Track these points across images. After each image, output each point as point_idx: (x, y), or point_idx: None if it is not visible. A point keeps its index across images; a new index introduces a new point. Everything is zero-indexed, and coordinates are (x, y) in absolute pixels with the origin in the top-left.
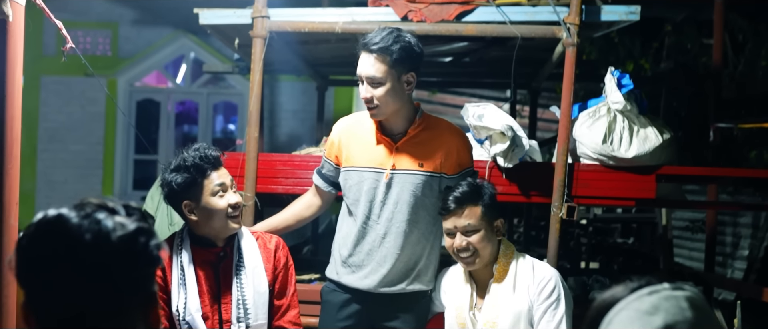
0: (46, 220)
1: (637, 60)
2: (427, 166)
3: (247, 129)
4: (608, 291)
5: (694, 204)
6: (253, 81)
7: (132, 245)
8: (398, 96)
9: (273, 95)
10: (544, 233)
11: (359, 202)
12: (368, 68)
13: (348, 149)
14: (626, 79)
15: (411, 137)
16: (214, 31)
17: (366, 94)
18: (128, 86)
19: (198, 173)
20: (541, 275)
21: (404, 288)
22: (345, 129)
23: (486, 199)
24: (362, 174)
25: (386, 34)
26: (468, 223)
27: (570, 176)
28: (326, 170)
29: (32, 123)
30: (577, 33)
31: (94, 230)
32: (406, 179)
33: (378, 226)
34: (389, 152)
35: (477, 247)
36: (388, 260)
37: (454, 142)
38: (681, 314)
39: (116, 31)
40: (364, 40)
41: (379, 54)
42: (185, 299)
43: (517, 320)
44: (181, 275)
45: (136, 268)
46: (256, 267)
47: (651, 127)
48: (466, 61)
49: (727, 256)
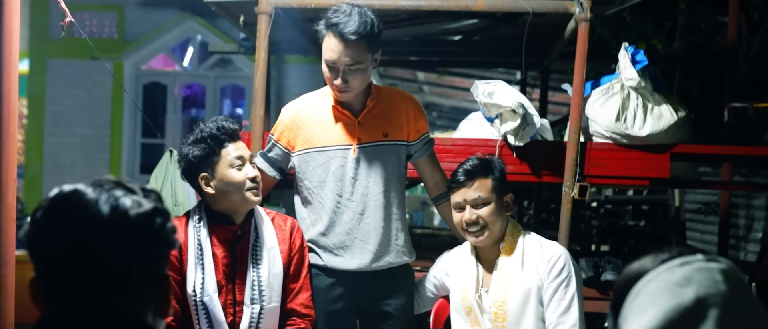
0: (62, 194)
1: (650, 40)
2: (392, 135)
3: (252, 108)
4: (636, 262)
5: (708, 184)
6: (259, 59)
7: (148, 225)
8: (369, 76)
9: (280, 77)
10: (555, 216)
11: (326, 183)
12: (346, 57)
13: (305, 131)
14: (641, 55)
15: (370, 110)
16: (220, 9)
17: (340, 81)
18: (135, 69)
19: (216, 143)
20: (550, 252)
21: (391, 263)
22: (298, 112)
23: (496, 172)
24: (327, 154)
25: (359, 18)
26: (478, 195)
27: (582, 155)
28: (274, 153)
29: (39, 107)
30: (590, 8)
31: (112, 206)
32: (373, 151)
33: (353, 203)
34: (352, 127)
35: (487, 221)
36: (372, 236)
37: (410, 109)
38: (715, 287)
39: (122, 13)
40: (335, 25)
41: (358, 41)
42: (202, 279)
43: (527, 298)
44: (199, 253)
45: (150, 248)
46: (273, 248)
47: (666, 104)
48: (475, 40)
49: (740, 239)
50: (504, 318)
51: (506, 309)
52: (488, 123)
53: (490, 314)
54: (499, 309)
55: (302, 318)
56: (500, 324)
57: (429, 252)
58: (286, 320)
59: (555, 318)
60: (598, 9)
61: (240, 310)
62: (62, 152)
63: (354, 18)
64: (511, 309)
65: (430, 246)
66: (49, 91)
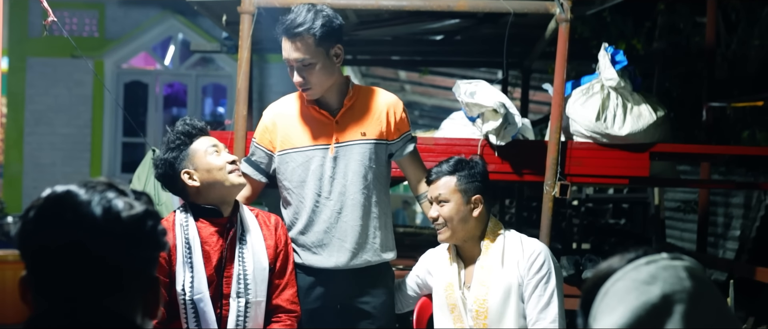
0: (55, 195)
1: (629, 40)
2: (370, 134)
3: (235, 108)
4: (604, 262)
5: (687, 183)
6: (242, 58)
7: (140, 227)
8: (330, 72)
9: (262, 76)
10: (536, 214)
11: (306, 183)
12: (295, 52)
13: (285, 131)
14: (620, 55)
15: (348, 109)
16: (202, 8)
17: (298, 78)
18: (115, 67)
19: (187, 137)
20: (530, 249)
21: (369, 261)
22: (278, 113)
23: (464, 172)
24: (306, 154)
25: (305, 12)
26: (439, 193)
27: (563, 154)
28: (257, 157)
29: (18, 106)
30: (570, 8)
31: (105, 208)
32: (351, 150)
33: (331, 202)
34: (330, 127)
35: (445, 218)
36: (349, 234)
37: (390, 107)
38: (680, 284)
39: (103, 11)
40: (283, 24)
41: (304, 36)
42: (192, 277)
43: (507, 295)
44: (188, 252)
45: (141, 250)
46: (258, 242)
47: (645, 104)
48: (457, 40)
49: (719, 236)
50: (485, 316)
51: (487, 306)
52: (470, 122)
53: (471, 312)
54: (481, 307)
55: (288, 314)
56: (482, 321)
57: (411, 251)
58: (272, 316)
59: (535, 314)
60: (578, 9)
61: (226, 304)
62: (42, 151)
63: (300, 15)
64: (492, 307)
65: (412, 245)
66: (29, 89)
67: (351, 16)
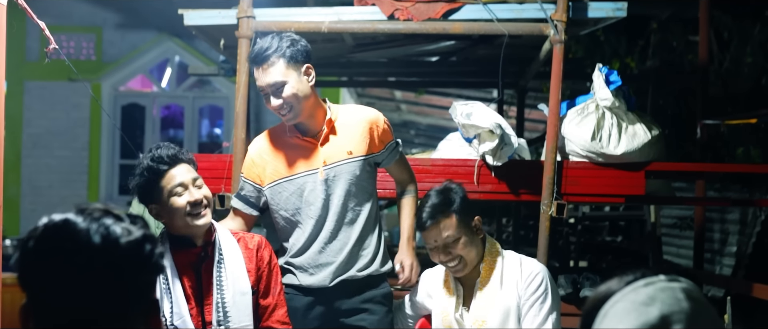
0: (53, 223)
1: (623, 58)
2: (356, 151)
3: (233, 131)
4: (603, 284)
5: (682, 200)
6: (240, 82)
7: (139, 252)
8: (305, 92)
9: (259, 97)
10: (533, 233)
11: (301, 210)
12: (267, 77)
13: (272, 164)
14: (614, 75)
15: (330, 130)
16: (199, 32)
17: (275, 102)
18: (113, 90)
19: (153, 175)
20: (528, 270)
21: (368, 274)
22: (262, 147)
23: (456, 205)
24: (296, 182)
25: (269, 39)
26: (447, 235)
27: (559, 173)
28: (246, 191)
29: (16, 129)
30: (564, 30)
31: (103, 235)
32: (341, 170)
33: (327, 223)
34: (315, 151)
35: (461, 254)
36: (344, 251)
37: (370, 121)
38: (677, 305)
39: (100, 35)
40: (252, 56)
41: (272, 59)
42: (171, 305)
43: (506, 317)
44: (165, 280)
45: (141, 275)
46: (237, 268)
47: (639, 123)
48: (452, 61)
49: (716, 253)
50: None
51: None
52: (467, 143)
53: None
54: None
55: None
56: None
57: None
58: None
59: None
60: (572, 30)
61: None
62: (40, 173)
63: (266, 42)
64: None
65: None
66: (27, 113)
67: (347, 39)
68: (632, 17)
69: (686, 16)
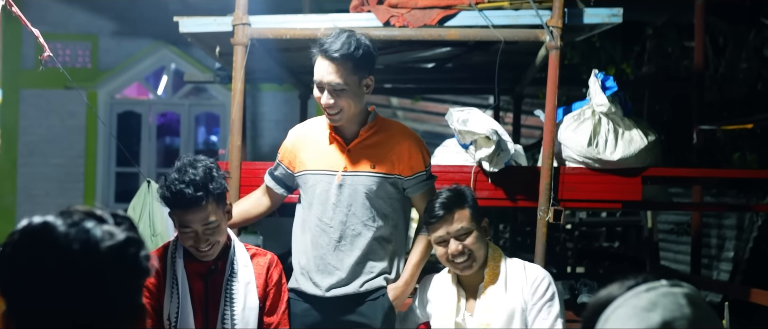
0: (31, 228)
1: (619, 64)
2: (380, 168)
3: (229, 138)
4: (604, 289)
5: (679, 206)
6: (235, 89)
7: (122, 256)
8: (359, 100)
9: (255, 105)
10: (530, 239)
11: (313, 205)
12: (330, 76)
13: (302, 153)
14: (610, 81)
15: (363, 139)
16: (195, 39)
17: (328, 101)
18: (109, 98)
19: (167, 202)
20: (533, 275)
21: (360, 290)
22: (300, 134)
23: (470, 200)
24: (316, 177)
25: (346, 38)
26: (460, 226)
27: (556, 179)
28: (279, 171)
29: (12, 137)
30: (560, 36)
31: (83, 240)
32: (357, 181)
33: (331, 230)
34: (341, 155)
35: (472, 249)
36: (345, 263)
37: (406, 144)
38: (679, 310)
39: (96, 43)
40: (322, 45)
41: (342, 61)
42: (178, 308)
43: (511, 319)
44: (174, 283)
45: (125, 279)
46: (249, 283)
47: (636, 129)
48: (448, 68)
49: (713, 258)
50: None
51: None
52: (463, 150)
53: None
54: None
55: None
56: None
57: None
58: None
59: None
60: (567, 36)
61: None
62: (36, 182)
63: (340, 39)
64: None
65: None
66: (23, 121)
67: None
68: (628, 23)
69: (681, 22)
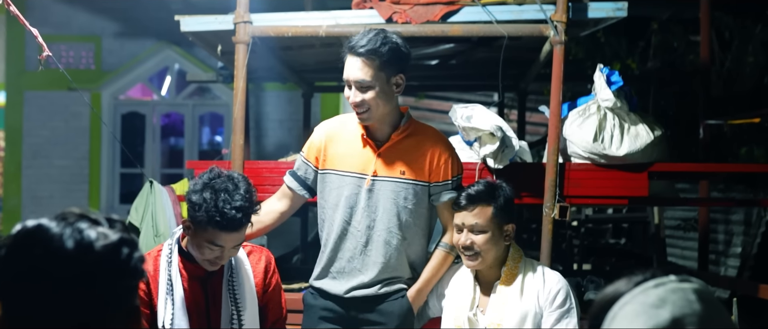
0: (25, 230)
1: (624, 60)
2: (409, 174)
3: (232, 137)
4: (611, 285)
5: (686, 201)
6: (237, 87)
7: (115, 257)
8: (388, 99)
9: (259, 104)
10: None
11: (339, 207)
12: (357, 72)
13: (332, 150)
14: (616, 76)
15: (394, 143)
16: (197, 38)
17: (355, 98)
18: (112, 99)
19: (208, 221)
20: (551, 282)
21: (379, 292)
22: (329, 131)
23: (500, 201)
24: (343, 179)
25: (373, 35)
26: (476, 222)
27: (561, 175)
28: (303, 171)
29: (16, 139)
30: (564, 31)
31: (76, 241)
32: (386, 187)
33: (358, 233)
34: (372, 158)
35: (481, 248)
36: (371, 268)
37: (438, 150)
38: (689, 307)
39: (99, 44)
40: (350, 42)
41: (368, 57)
42: (173, 312)
43: (523, 322)
44: (169, 287)
45: (118, 281)
46: (249, 282)
47: (642, 124)
48: (452, 64)
49: (720, 254)
50: None
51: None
52: (467, 146)
53: None
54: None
55: None
56: None
57: None
58: None
59: None
60: (572, 31)
61: None
62: (41, 183)
63: (368, 35)
64: None
65: None
66: (27, 123)
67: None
68: (632, 18)
69: (687, 16)
